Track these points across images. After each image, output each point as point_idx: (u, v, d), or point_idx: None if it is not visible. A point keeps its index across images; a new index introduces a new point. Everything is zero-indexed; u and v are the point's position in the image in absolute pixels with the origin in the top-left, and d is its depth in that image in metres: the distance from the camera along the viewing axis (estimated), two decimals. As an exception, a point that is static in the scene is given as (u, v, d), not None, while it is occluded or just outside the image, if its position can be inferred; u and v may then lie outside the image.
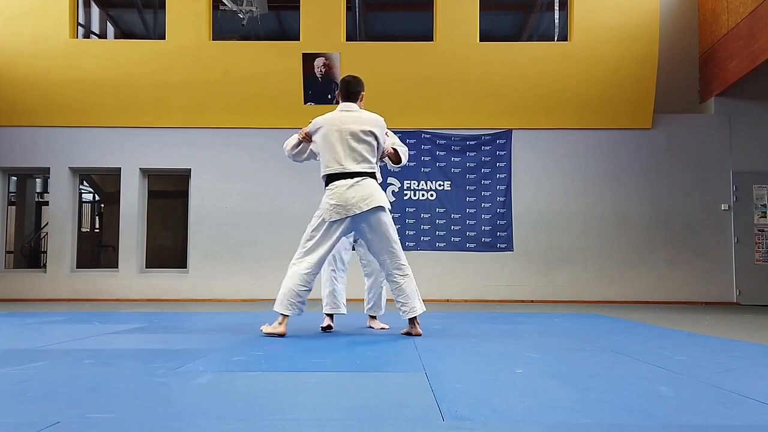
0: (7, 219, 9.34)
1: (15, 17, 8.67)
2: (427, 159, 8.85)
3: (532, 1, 9.91)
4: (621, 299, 8.55)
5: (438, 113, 8.77)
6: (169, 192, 10.03)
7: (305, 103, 8.44)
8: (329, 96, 8.43)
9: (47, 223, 9.12)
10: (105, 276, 8.86)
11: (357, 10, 9.51)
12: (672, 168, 8.78)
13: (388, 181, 8.78)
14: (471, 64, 8.60)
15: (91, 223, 10.70)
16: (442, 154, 8.85)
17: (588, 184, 8.81)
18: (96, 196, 10.72)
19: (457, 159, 8.84)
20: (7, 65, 8.68)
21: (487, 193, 8.81)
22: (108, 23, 10.28)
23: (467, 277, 8.67)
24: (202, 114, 8.77)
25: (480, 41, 8.67)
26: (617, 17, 8.59)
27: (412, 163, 8.84)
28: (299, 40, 8.69)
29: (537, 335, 4.22)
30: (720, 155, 8.78)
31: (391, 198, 8.81)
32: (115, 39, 10.15)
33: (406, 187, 8.85)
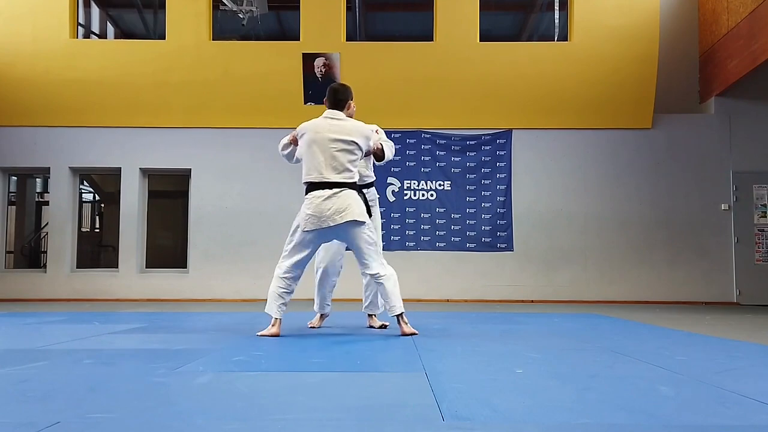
0: (7, 219, 9.34)
1: (15, 17, 8.67)
2: (427, 159, 8.85)
3: (532, 1, 9.91)
4: (621, 299, 8.55)
5: (438, 113, 8.77)
6: (169, 192, 10.03)
7: (305, 103, 8.44)
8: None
9: (47, 223, 9.12)
10: (105, 276, 8.86)
11: (357, 10, 9.50)
12: (672, 168, 8.78)
13: (388, 181, 8.78)
14: (471, 64, 8.60)
15: (91, 223, 10.71)
16: (442, 154, 8.85)
17: (588, 184, 8.81)
18: (96, 196, 10.73)
19: (457, 159, 8.84)
20: (7, 65, 8.69)
21: (487, 193, 8.81)
22: (108, 23, 10.28)
23: (467, 277, 8.67)
24: (202, 114, 8.77)
25: (480, 41, 8.67)
26: (617, 17, 8.59)
27: (412, 163, 8.85)
28: (299, 40, 8.69)
29: (537, 335, 4.22)
30: (720, 155, 8.77)
31: (391, 198, 8.81)
32: (115, 39, 10.16)
33: (406, 187, 8.85)
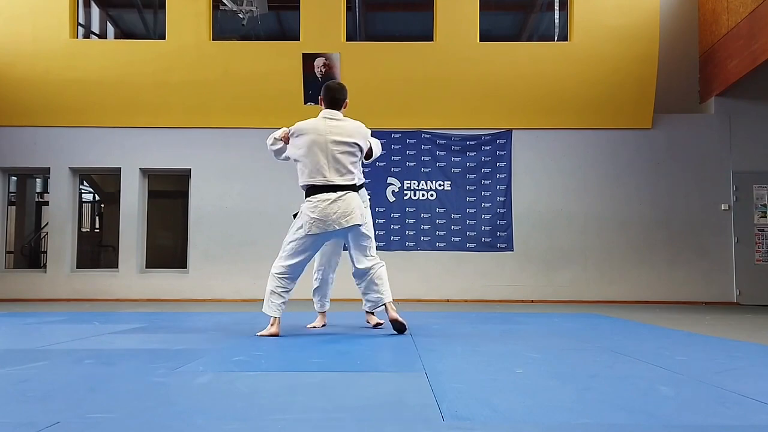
0: (7, 219, 9.34)
1: (15, 17, 8.67)
2: (427, 159, 8.85)
3: (532, 1, 9.91)
4: (621, 299, 8.55)
5: (438, 113, 8.77)
6: (169, 192, 10.03)
7: (305, 103, 8.44)
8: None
9: (47, 223, 9.12)
10: (105, 276, 8.86)
11: (357, 10, 9.50)
12: (672, 168, 8.78)
13: (388, 181, 8.78)
14: (471, 64, 8.60)
15: (91, 223, 10.71)
16: (442, 154, 8.85)
17: (588, 184, 8.81)
18: (96, 196, 10.72)
19: (457, 159, 8.84)
20: (7, 65, 8.68)
21: (487, 193, 8.81)
22: (108, 23, 10.28)
23: (467, 277, 8.67)
24: (202, 114, 8.77)
25: (480, 41, 8.67)
26: (617, 17, 8.59)
27: (412, 163, 8.85)
28: (299, 40, 8.68)
29: (537, 335, 4.22)
30: (720, 155, 8.77)
31: (391, 198, 8.81)
32: (115, 39, 10.16)
33: (406, 187, 8.85)
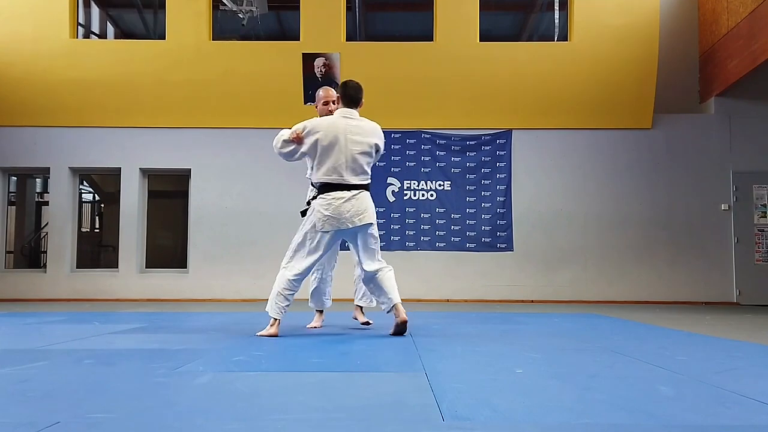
0: (7, 219, 9.34)
1: (15, 17, 8.67)
2: (427, 159, 8.84)
3: (532, 1, 9.91)
4: (621, 299, 8.55)
5: (438, 113, 8.77)
6: (169, 192, 10.03)
7: (305, 103, 8.43)
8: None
9: (47, 223, 9.12)
10: (105, 276, 8.86)
11: (357, 10, 9.50)
12: (672, 168, 8.77)
13: (388, 181, 8.78)
14: (471, 64, 8.60)
15: (91, 223, 10.71)
16: (442, 154, 8.85)
17: (588, 184, 8.81)
18: (96, 196, 10.72)
19: (457, 159, 8.83)
20: (7, 65, 8.68)
21: (487, 193, 8.81)
22: (108, 23, 10.28)
23: (467, 277, 8.67)
24: (202, 114, 8.77)
25: (480, 41, 8.67)
26: (617, 17, 8.59)
27: (412, 163, 8.85)
28: (299, 40, 8.69)
29: (537, 335, 4.22)
30: (720, 155, 8.77)
31: (391, 198, 8.81)
32: (115, 39, 10.16)
33: (406, 187, 8.85)
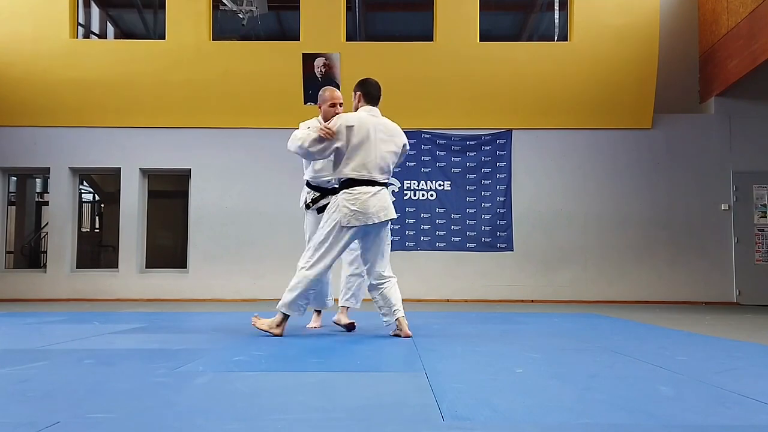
0: (7, 219, 9.34)
1: (15, 17, 8.67)
2: (427, 159, 8.84)
3: (532, 1, 9.91)
4: (621, 299, 8.55)
5: (438, 113, 8.77)
6: (169, 192, 10.03)
7: (305, 103, 8.43)
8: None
9: (47, 223, 9.12)
10: (105, 276, 8.86)
11: (357, 10, 9.50)
12: (672, 168, 8.77)
13: (388, 181, 8.77)
14: (471, 64, 8.59)
15: (91, 223, 10.71)
16: (442, 154, 8.85)
17: (588, 184, 8.80)
18: (96, 196, 10.72)
19: (457, 159, 8.83)
20: (7, 65, 8.68)
21: (487, 193, 8.80)
22: (108, 23, 10.28)
23: (467, 277, 8.67)
24: (202, 114, 8.77)
25: (480, 41, 8.67)
26: (617, 17, 8.59)
27: (412, 163, 8.85)
28: (299, 40, 8.68)
29: (537, 335, 4.22)
30: (720, 155, 8.77)
31: (391, 198, 8.79)
32: (115, 39, 10.16)
33: (406, 187, 8.85)
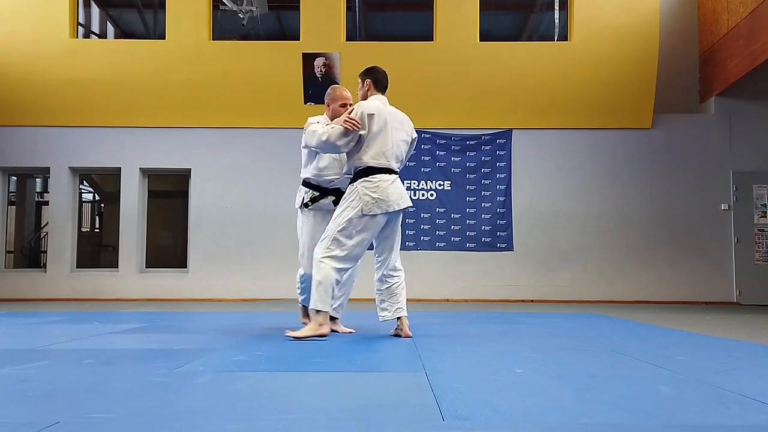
0: (7, 219, 9.34)
1: (15, 17, 8.67)
2: (427, 159, 8.84)
3: (532, 1, 9.91)
4: (621, 299, 8.55)
5: (438, 113, 8.77)
6: (169, 192, 10.03)
7: (305, 103, 8.44)
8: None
9: (47, 223, 9.12)
10: (105, 276, 8.86)
11: (357, 10, 9.50)
12: (672, 168, 8.77)
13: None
14: (471, 64, 8.59)
15: (91, 223, 10.71)
16: (442, 154, 8.85)
17: (588, 184, 8.81)
18: (96, 196, 10.72)
19: (457, 159, 8.83)
20: (7, 65, 8.68)
21: (487, 193, 8.81)
22: (108, 23, 10.28)
23: (467, 277, 8.67)
24: (202, 114, 8.77)
25: (480, 41, 8.67)
26: (617, 17, 8.59)
27: (412, 163, 8.84)
28: (299, 40, 8.68)
29: (537, 335, 4.22)
30: (720, 155, 8.77)
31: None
32: (115, 39, 10.16)
33: (406, 187, 8.76)
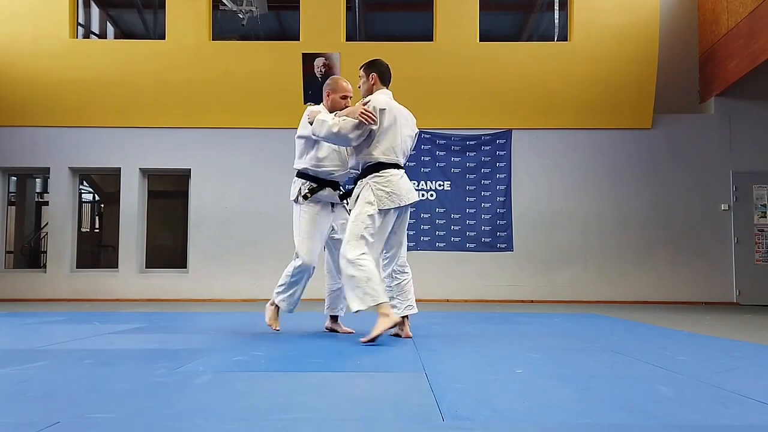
0: (7, 219, 9.34)
1: (15, 17, 8.67)
2: (427, 159, 8.84)
3: (532, 1, 9.91)
4: (621, 299, 8.55)
5: (438, 113, 8.76)
6: (169, 192, 10.03)
7: (305, 103, 8.43)
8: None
9: (47, 223, 9.12)
10: (105, 276, 8.86)
11: (357, 10, 9.50)
12: (672, 168, 8.77)
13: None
14: (471, 64, 8.59)
15: (91, 223, 10.70)
16: (442, 154, 8.85)
17: (588, 184, 8.81)
18: (96, 196, 10.72)
19: (457, 159, 8.83)
20: (7, 65, 8.68)
21: (487, 193, 8.80)
22: (108, 23, 10.28)
23: (467, 277, 8.67)
24: (202, 114, 8.77)
25: (480, 41, 8.67)
26: (617, 17, 8.59)
27: (412, 163, 8.84)
28: (299, 40, 8.69)
29: (537, 335, 4.22)
30: (720, 155, 8.77)
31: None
32: (115, 39, 10.16)
33: (406, 187, 8.83)
